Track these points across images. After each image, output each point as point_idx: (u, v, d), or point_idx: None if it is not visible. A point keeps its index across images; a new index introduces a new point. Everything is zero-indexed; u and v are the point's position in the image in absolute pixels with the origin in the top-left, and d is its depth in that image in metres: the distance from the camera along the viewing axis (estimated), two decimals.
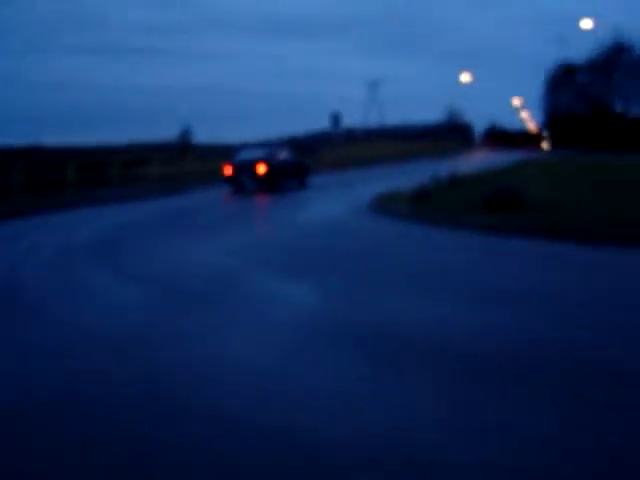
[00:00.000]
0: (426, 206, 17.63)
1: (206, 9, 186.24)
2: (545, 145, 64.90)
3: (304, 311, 7.81)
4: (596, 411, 4.72)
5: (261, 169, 26.20)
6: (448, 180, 24.84)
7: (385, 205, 18.77)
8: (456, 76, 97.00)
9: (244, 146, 30.95)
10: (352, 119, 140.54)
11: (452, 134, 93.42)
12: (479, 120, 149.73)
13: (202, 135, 68.35)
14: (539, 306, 7.74)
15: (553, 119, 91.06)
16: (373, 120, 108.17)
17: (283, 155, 28.06)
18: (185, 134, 61.09)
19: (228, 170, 26.93)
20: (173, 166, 36.55)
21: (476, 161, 52.65)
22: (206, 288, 9.36)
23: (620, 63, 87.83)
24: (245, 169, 26.48)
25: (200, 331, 7.10)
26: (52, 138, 67.63)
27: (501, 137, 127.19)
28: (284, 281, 9.67)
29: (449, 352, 6.11)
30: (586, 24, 62.52)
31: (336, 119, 59.33)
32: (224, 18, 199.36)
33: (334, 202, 21.36)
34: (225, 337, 6.86)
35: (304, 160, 31.81)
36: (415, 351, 6.19)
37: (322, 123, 70.60)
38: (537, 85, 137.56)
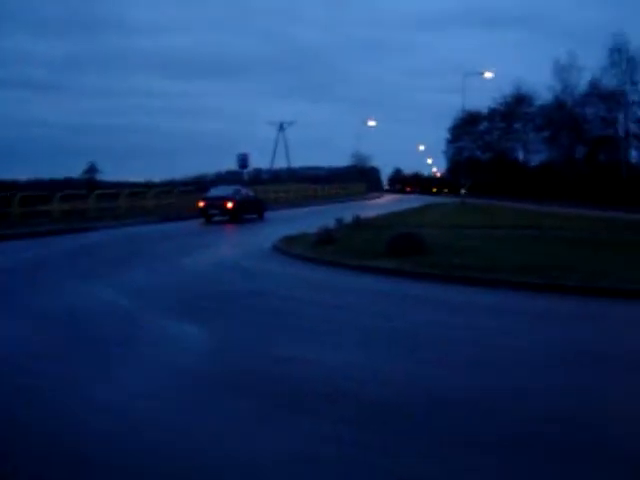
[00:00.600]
0: (330, 249, 17.77)
1: (113, 46, 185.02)
2: (462, 191, 66.64)
3: (187, 355, 7.71)
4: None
5: (229, 204, 32.39)
6: (353, 223, 25.16)
7: (289, 247, 18.81)
8: (363, 122, 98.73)
9: (214, 184, 41.28)
10: (260, 161, 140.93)
11: (359, 178, 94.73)
12: (386, 165, 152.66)
13: (109, 173, 67.32)
14: (410, 346, 8.02)
15: (456, 165, 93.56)
16: (281, 163, 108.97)
17: (245, 194, 35.04)
18: (91, 171, 60.06)
19: (201, 204, 33.07)
20: (77, 203, 35.71)
21: (382, 205, 53.50)
22: (91, 329, 9.13)
23: (520, 113, 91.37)
24: (215, 204, 32.61)
25: (72, 375, 6.92)
26: None
27: (407, 182, 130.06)
28: (175, 324, 9.52)
29: (324, 394, 6.14)
30: (488, 75, 64.72)
31: (243, 160, 59.43)
32: (132, 55, 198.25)
33: (238, 245, 21.25)
34: (102, 381, 6.69)
35: (261, 198, 39.00)
36: (297, 396, 6.17)
37: (231, 164, 70.70)
38: (441, 132, 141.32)
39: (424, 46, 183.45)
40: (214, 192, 34.40)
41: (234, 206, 32.19)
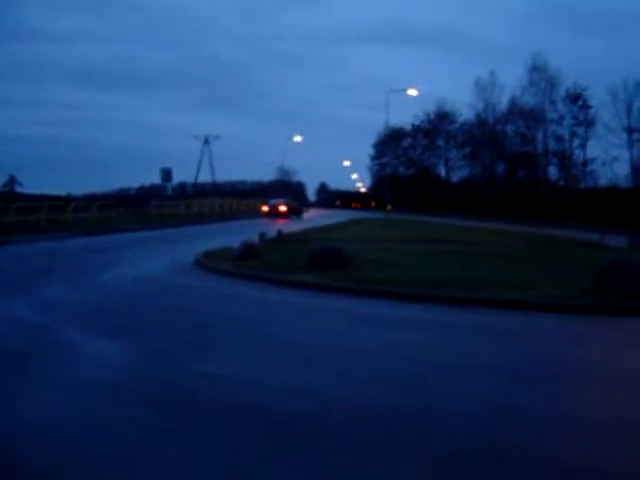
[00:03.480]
0: (253, 264, 17.73)
1: (32, 58, 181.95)
2: (389, 207, 67.50)
3: (105, 372, 7.60)
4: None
5: (282, 207, 56.79)
6: (277, 238, 25.20)
7: (211, 262, 18.70)
8: (288, 137, 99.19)
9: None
10: (180, 174, 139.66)
11: (284, 193, 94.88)
12: (311, 180, 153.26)
13: (29, 186, 65.65)
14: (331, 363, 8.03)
15: (380, 181, 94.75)
16: (205, 177, 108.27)
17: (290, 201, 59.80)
18: (10, 184, 58.45)
19: (265, 208, 57.36)
20: None
21: (307, 220, 53.68)
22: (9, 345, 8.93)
23: (442, 130, 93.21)
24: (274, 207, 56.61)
25: None
26: None
27: (332, 197, 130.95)
28: (97, 340, 9.38)
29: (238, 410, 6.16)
30: (412, 92, 65.78)
31: (167, 174, 58.92)
32: (52, 68, 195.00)
33: (154, 259, 21.01)
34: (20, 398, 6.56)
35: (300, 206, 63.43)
36: (211, 411, 6.18)
37: (154, 178, 70.00)
38: (366, 148, 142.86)
39: (348, 62, 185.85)
40: (273, 201, 58.32)
41: None
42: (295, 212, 57.93)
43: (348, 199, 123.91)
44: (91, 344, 9.15)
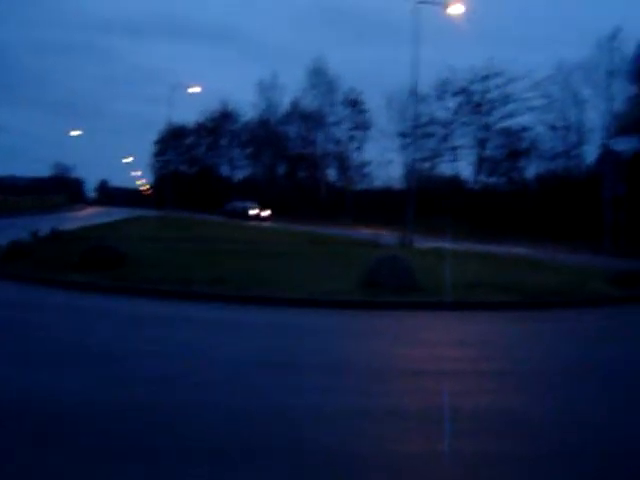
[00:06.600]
0: (23, 263, 16.80)
1: None
2: (265, 212, 66.00)
3: None
4: None
5: None
6: (51, 236, 24.10)
7: None
8: (65, 131, 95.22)
9: None
10: None
11: (61, 189, 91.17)
12: (90, 177, 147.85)
13: None
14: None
15: (162, 178, 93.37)
16: None
17: None
18: None
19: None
20: None
21: (85, 217, 51.90)
22: None
23: (226, 129, 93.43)
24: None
25: None
26: None
27: (112, 194, 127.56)
28: None
29: None
30: (195, 89, 65.28)
31: None
32: None
33: None
34: None
35: None
36: None
37: None
38: (149, 145, 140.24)
39: (129, 55, 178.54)
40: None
41: None
42: None
43: (130, 196, 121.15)
44: None
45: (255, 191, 78.18)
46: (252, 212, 61.36)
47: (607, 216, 21.84)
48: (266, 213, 62.45)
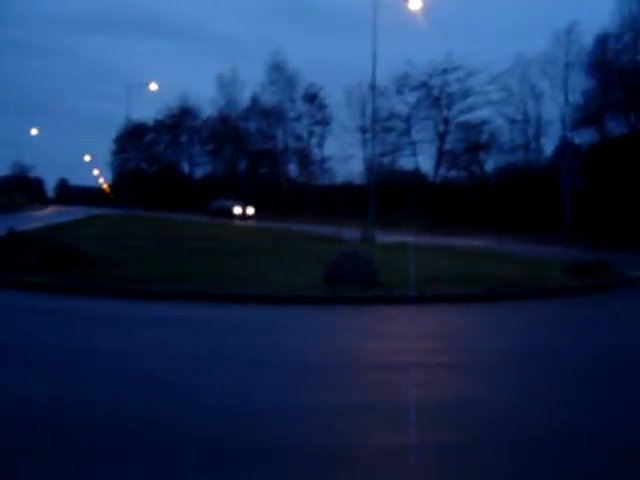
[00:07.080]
0: None
1: None
2: (249, 211, 65.15)
3: None
4: None
5: None
6: (8, 237, 23.72)
7: None
8: (23, 130, 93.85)
9: None
10: None
11: (20, 189, 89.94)
12: (50, 176, 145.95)
13: None
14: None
15: (122, 177, 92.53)
16: None
17: None
18: None
19: None
20: None
21: (44, 217, 51.25)
22: None
23: (185, 126, 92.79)
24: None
25: None
26: None
27: (72, 193, 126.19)
28: None
29: None
30: (153, 86, 64.91)
31: None
32: None
33: None
34: None
35: None
36: None
37: None
38: (108, 143, 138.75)
39: (84, 51, 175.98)
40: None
41: None
42: None
43: (91, 195, 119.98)
44: None
45: (215, 187, 77.79)
46: (237, 211, 60.32)
47: (565, 208, 22.09)
48: (250, 211, 61.79)
